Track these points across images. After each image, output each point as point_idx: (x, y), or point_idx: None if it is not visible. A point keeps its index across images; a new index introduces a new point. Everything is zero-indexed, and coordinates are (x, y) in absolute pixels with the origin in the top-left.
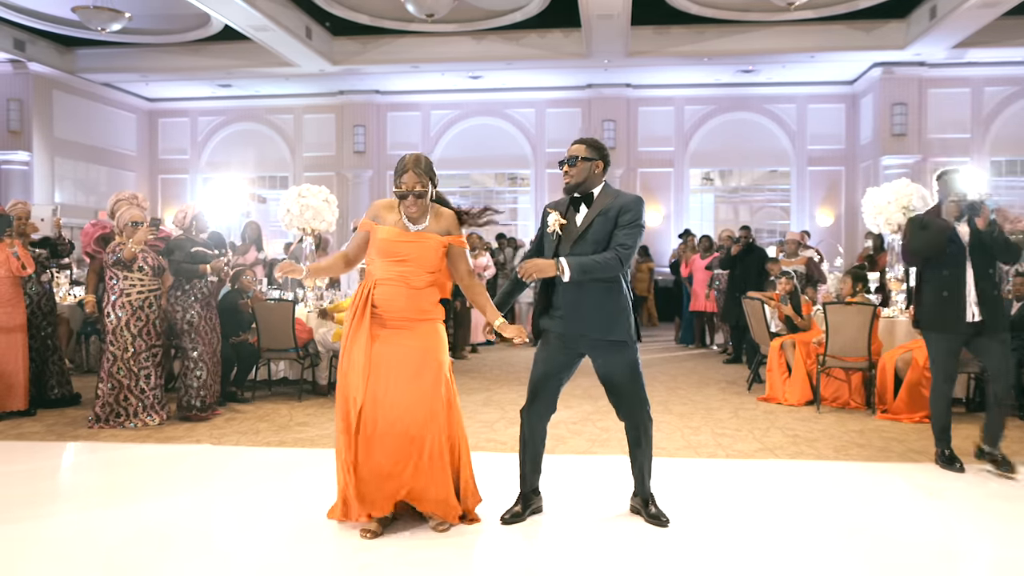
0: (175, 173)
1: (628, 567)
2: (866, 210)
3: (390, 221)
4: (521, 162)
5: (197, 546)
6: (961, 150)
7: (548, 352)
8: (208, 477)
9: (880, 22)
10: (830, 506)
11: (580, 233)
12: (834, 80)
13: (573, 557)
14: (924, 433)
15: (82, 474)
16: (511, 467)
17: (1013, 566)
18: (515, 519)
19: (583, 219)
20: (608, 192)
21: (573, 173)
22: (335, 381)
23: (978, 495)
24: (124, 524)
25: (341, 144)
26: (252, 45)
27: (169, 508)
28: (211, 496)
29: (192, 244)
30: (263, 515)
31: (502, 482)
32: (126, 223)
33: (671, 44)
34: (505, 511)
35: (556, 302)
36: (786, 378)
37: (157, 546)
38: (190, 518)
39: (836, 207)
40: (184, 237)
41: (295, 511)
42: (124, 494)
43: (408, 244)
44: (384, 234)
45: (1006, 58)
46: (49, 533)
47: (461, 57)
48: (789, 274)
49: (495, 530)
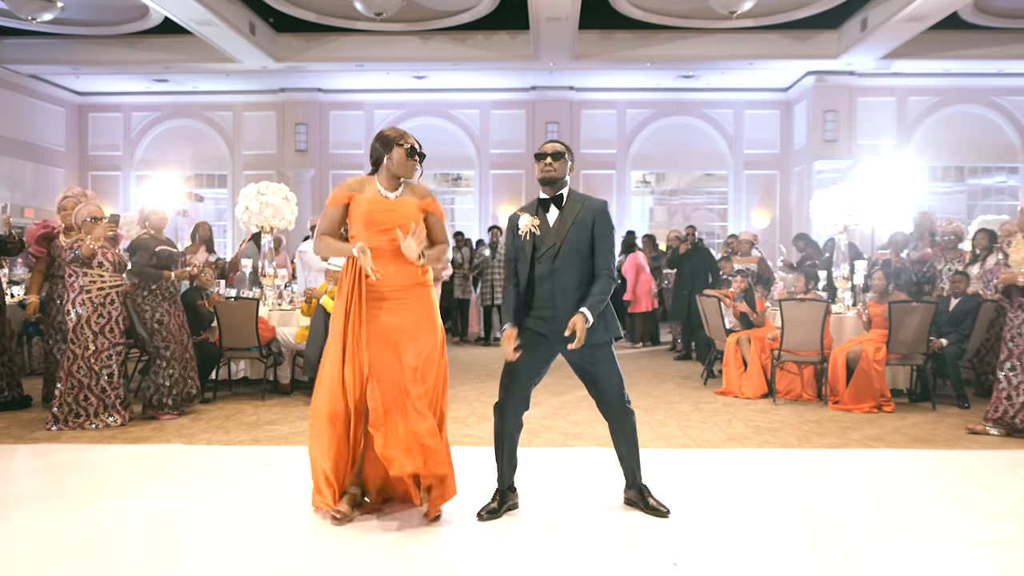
0: (107, 170)
1: (621, 558)
2: (814, 212)
3: (368, 192)
4: (465, 163)
5: (191, 545)
6: (888, 156)
7: (527, 349)
8: (189, 477)
9: (814, 32)
10: (806, 491)
11: (561, 241)
12: (769, 87)
13: (558, 551)
14: (875, 421)
15: (56, 476)
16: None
17: (976, 540)
18: (492, 515)
19: (556, 222)
20: (575, 196)
21: (556, 167)
22: (297, 380)
23: (944, 476)
24: (111, 525)
25: (282, 143)
26: (192, 39)
27: (156, 508)
28: (198, 495)
29: (157, 243)
30: (254, 512)
31: (481, 476)
32: (84, 219)
33: (616, 48)
34: (482, 507)
35: (537, 303)
36: (742, 372)
37: (149, 547)
38: (179, 518)
39: (772, 209)
40: (148, 236)
41: (285, 506)
42: (105, 495)
43: (390, 211)
44: (366, 204)
45: (929, 70)
46: (34, 536)
47: (407, 57)
48: (744, 272)
49: (472, 527)
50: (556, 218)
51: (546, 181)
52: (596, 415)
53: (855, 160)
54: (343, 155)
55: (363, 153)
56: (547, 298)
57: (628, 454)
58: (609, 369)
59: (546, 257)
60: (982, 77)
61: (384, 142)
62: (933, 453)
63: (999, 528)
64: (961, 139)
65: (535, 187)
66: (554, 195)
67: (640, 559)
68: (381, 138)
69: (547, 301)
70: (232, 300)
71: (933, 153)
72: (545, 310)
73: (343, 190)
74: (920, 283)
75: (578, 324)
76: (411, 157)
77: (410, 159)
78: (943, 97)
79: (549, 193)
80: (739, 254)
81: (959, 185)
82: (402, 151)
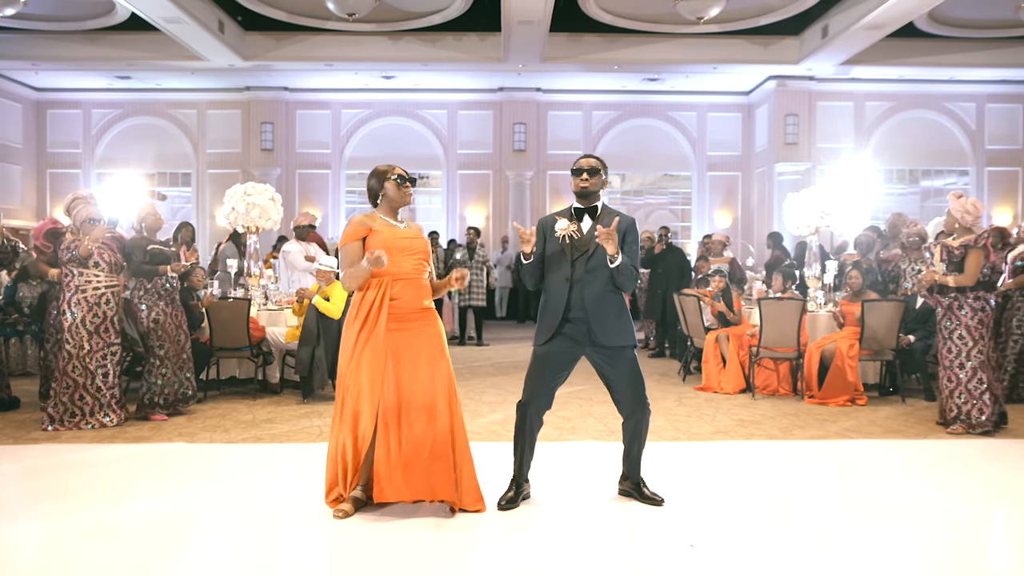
0: (66, 168)
1: (638, 543)
2: (786, 214)
3: (378, 225)
4: (432, 163)
5: (215, 539)
6: (846, 159)
7: (555, 351)
8: (201, 474)
9: (776, 38)
10: (798, 479)
11: (595, 248)
12: (732, 91)
13: (573, 538)
14: (850, 414)
15: (60, 476)
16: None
17: (958, 521)
18: (510, 504)
19: (590, 231)
20: (608, 210)
21: (594, 182)
22: (287, 379)
23: (923, 464)
24: (132, 521)
25: (248, 141)
26: (158, 36)
27: (170, 506)
28: (213, 492)
29: (148, 243)
30: (272, 506)
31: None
32: (83, 220)
33: (584, 51)
34: (500, 497)
35: (567, 305)
36: (721, 369)
37: (173, 541)
38: (197, 515)
39: (734, 210)
40: (140, 237)
41: (303, 500)
42: (114, 494)
43: (407, 238)
44: (385, 234)
45: (885, 76)
46: (54, 532)
47: (377, 57)
48: (722, 272)
49: (486, 517)
50: (590, 228)
51: (583, 194)
52: (587, 410)
53: (815, 163)
54: (309, 154)
55: (330, 153)
56: (577, 301)
57: (636, 451)
58: (632, 373)
59: (580, 261)
60: (935, 84)
61: (378, 179)
62: (911, 443)
63: (978, 510)
64: (915, 143)
65: (503, 187)
66: (589, 207)
67: (657, 543)
68: (374, 175)
69: (577, 303)
70: (226, 300)
71: (888, 156)
72: (574, 311)
73: (359, 226)
74: (886, 282)
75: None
76: (402, 185)
77: (401, 188)
78: (898, 102)
79: (584, 204)
80: (712, 254)
81: (912, 187)
82: (392, 183)
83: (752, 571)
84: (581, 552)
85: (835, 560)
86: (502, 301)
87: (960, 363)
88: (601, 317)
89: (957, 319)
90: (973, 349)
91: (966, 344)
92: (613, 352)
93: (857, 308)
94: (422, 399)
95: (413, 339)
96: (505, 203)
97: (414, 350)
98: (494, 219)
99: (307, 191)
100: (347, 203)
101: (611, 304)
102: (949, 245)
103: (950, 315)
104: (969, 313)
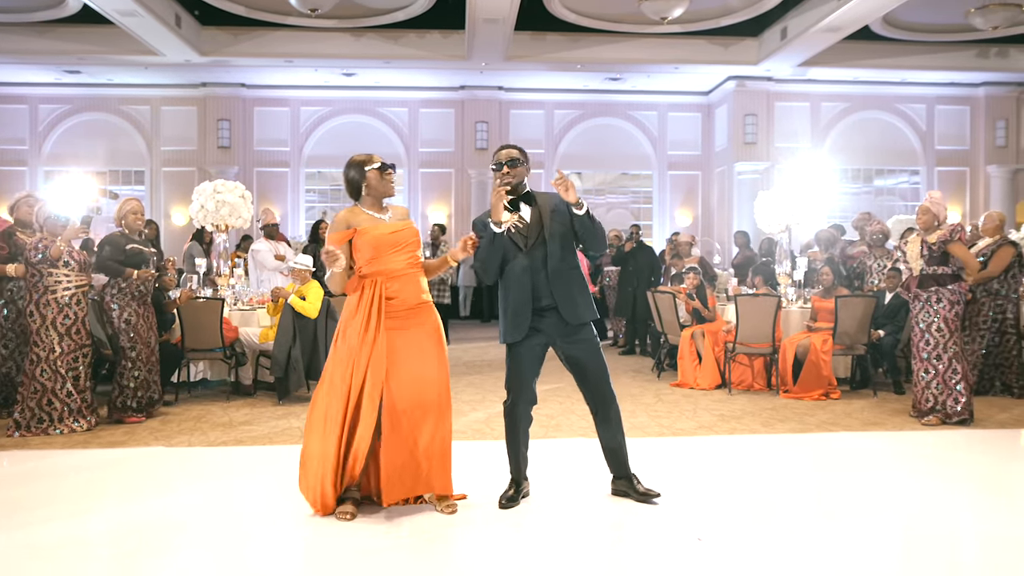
0: (11, 165)
1: (641, 537)
2: (757, 212)
3: (363, 221)
4: (393, 161)
5: (198, 548)
6: (803, 158)
7: (526, 347)
8: (180, 478)
9: (736, 39)
10: (787, 472)
11: (547, 230)
12: (692, 90)
13: (574, 536)
14: (827, 408)
15: (32, 485)
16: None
17: (942, 504)
18: (511, 503)
19: (533, 215)
20: (540, 193)
21: (515, 173)
22: (261, 380)
23: (904, 454)
24: (107, 531)
25: (204, 139)
26: (110, 30)
27: (152, 513)
28: (196, 497)
29: (128, 241)
30: (263, 510)
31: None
32: (46, 217)
33: (547, 50)
34: (501, 496)
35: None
36: (697, 365)
37: (153, 551)
38: (182, 521)
39: (694, 209)
40: (120, 234)
41: (289, 505)
42: (92, 501)
43: (396, 232)
44: (372, 233)
45: (840, 77)
46: (23, 544)
47: (338, 54)
48: (696, 270)
49: (485, 517)
50: (532, 212)
51: (509, 189)
52: (568, 407)
53: (773, 162)
54: (268, 152)
55: (288, 151)
56: (543, 289)
57: (617, 443)
58: (594, 353)
59: (537, 247)
60: (888, 85)
61: (357, 169)
62: (890, 435)
63: (962, 495)
64: (869, 143)
65: (465, 186)
66: (521, 195)
67: (659, 538)
68: (353, 166)
69: (544, 291)
70: (197, 300)
71: (844, 156)
72: (544, 300)
73: (343, 229)
74: (850, 278)
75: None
76: (384, 173)
77: (384, 176)
78: (853, 103)
79: (514, 195)
80: (682, 254)
81: (867, 186)
82: (375, 172)
83: (757, 563)
84: (581, 549)
85: (837, 551)
86: (466, 300)
87: (938, 354)
88: (568, 298)
89: (935, 312)
90: (949, 340)
91: (943, 336)
92: (577, 330)
93: (829, 304)
94: (425, 397)
95: (413, 337)
96: (467, 201)
97: (414, 348)
98: (456, 217)
99: (265, 189)
100: (306, 202)
101: (573, 281)
102: (927, 240)
103: (927, 308)
104: (947, 306)
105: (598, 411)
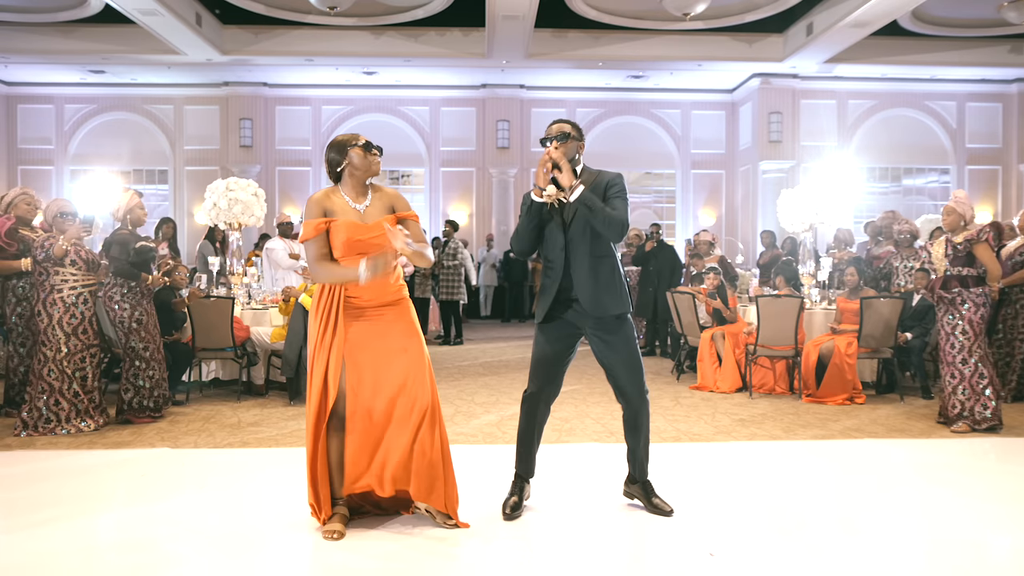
0: (37, 164)
1: (652, 551)
2: (781, 211)
3: (338, 208)
4: (415, 160)
5: (202, 555)
6: (829, 157)
7: (555, 334)
8: (185, 481)
9: (761, 36)
10: (809, 480)
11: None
12: (716, 88)
13: (584, 546)
14: (851, 413)
15: (39, 485)
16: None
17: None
18: (515, 512)
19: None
20: (589, 170)
21: (563, 149)
22: (272, 380)
23: (933, 464)
24: (112, 534)
25: (226, 138)
26: (133, 29)
27: (156, 516)
28: (199, 501)
29: (136, 239)
30: (265, 515)
31: (480, 474)
32: (55, 214)
33: (568, 48)
34: (504, 504)
35: (565, 284)
36: (717, 367)
37: (158, 558)
38: (186, 526)
39: (718, 208)
40: (126, 232)
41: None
42: (98, 503)
43: (368, 231)
44: (344, 230)
45: (868, 74)
46: (27, 548)
47: (358, 52)
48: (716, 270)
49: (485, 526)
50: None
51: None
52: (584, 411)
53: (799, 161)
54: (289, 151)
55: (310, 149)
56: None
57: (640, 447)
58: (621, 349)
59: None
60: (917, 82)
61: (339, 149)
62: (917, 442)
63: (991, 509)
64: (897, 141)
65: (487, 184)
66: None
67: (671, 551)
68: (334, 146)
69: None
70: (208, 299)
71: (871, 154)
72: (571, 289)
73: (317, 220)
74: (877, 279)
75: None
76: (369, 152)
77: (368, 155)
78: (880, 101)
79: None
80: (701, 255)
81: (895, 185)
82: (358, 150)
83: None
84: (594, 562)
85: (860, 565)
86: (487, 299)
87: (963, 358)
88: (590, 286)
89: (960, 314)
90: (975, 344)
91: (968, 339)
92: (609, 324)
93: (854, 305)
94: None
95: (379, 333)
96: (488, 201)
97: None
98: (477, 217)
99: (287, 188)
100: None
101: (607, 273)
102: (952, 241)
103: (952, 311)
104: (972, 308)
105: (627, 411)
